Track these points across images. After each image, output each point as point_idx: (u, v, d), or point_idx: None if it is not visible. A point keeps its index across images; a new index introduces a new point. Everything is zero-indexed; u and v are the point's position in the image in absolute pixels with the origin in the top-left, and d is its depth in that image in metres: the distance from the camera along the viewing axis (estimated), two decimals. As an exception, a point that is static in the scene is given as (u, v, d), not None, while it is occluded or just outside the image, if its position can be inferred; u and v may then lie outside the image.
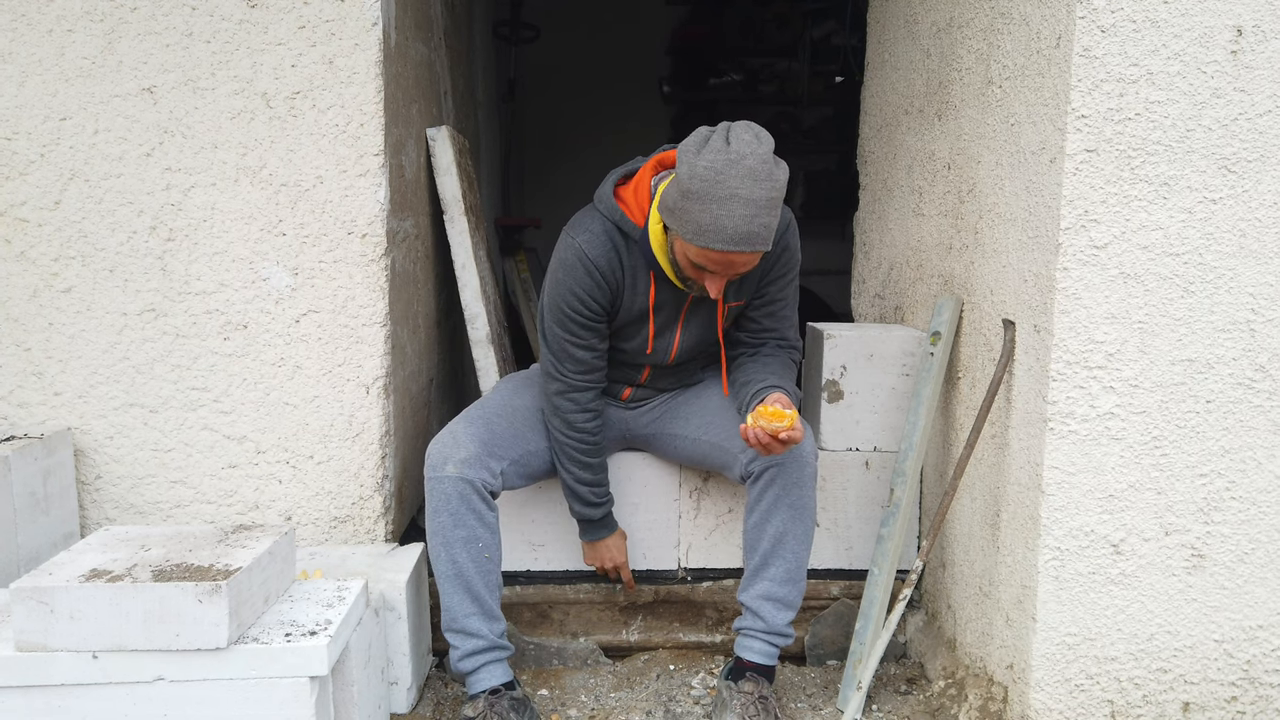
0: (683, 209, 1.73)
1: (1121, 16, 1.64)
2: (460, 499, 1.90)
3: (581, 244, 1.92)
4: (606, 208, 1.95)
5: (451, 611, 1.93)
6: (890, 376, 2.33)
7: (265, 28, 2.10)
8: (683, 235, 1.75)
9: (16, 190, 2.12)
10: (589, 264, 1.91)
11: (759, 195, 1.69)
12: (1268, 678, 1.84)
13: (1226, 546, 1.79)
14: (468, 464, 1.91)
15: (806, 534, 1.99)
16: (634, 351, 2.08)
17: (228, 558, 1.59)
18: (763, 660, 2.01)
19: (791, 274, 2.07)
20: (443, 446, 1.94)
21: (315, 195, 2.15)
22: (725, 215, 1.68)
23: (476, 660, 1.92)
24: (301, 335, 2.19)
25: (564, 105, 5.99)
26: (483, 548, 1.92)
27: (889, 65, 2.70)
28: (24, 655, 1.50)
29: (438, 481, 1.91)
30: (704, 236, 1.71)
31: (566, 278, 1.93)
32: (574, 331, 1.96)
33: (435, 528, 1.92)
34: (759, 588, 2.00)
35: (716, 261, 1.75)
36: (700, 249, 1.74)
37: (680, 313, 2.03)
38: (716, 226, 1.69)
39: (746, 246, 1.71)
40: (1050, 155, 1.73)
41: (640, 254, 1.94)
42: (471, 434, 1.96)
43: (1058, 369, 1.73)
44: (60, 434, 2.13)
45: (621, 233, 1.94)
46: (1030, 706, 1.82)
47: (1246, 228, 1.71)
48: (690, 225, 1.72)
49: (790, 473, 1.94)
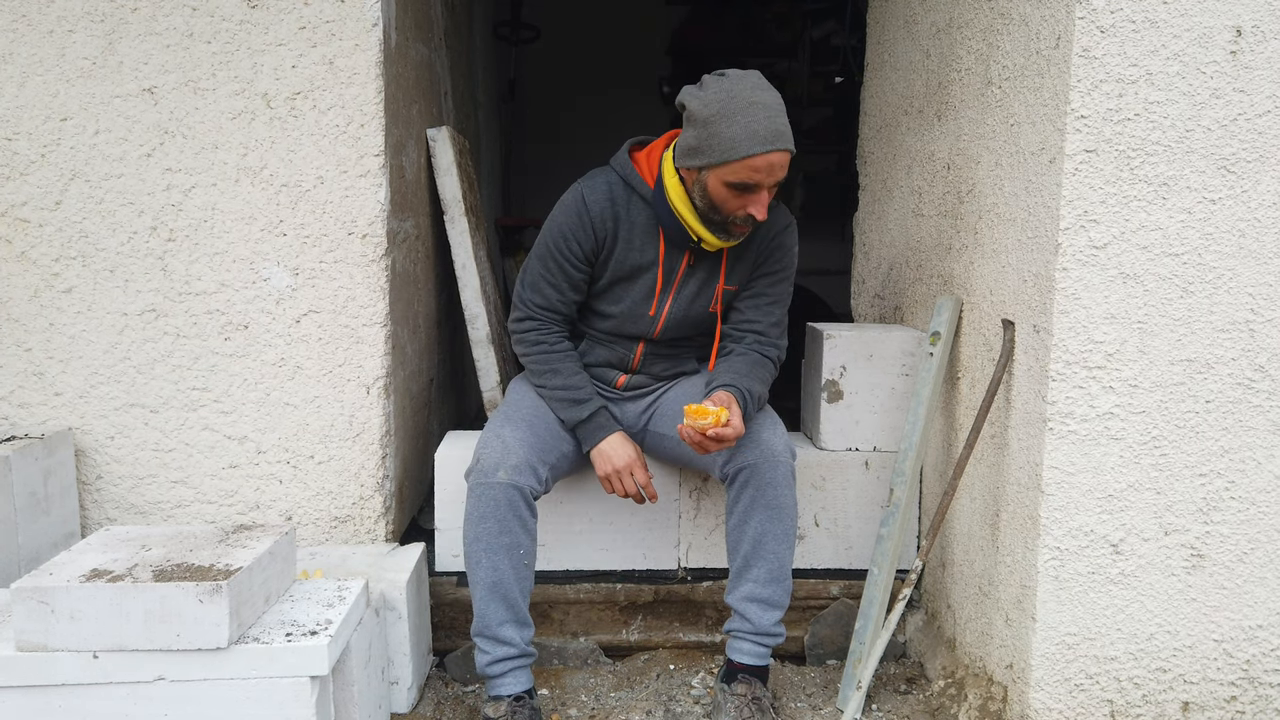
0: (707, 136, 1.81)
1: (1121, 17, 1.64)
2: (509, 506, 1.88)
3: (583, 190, 2.01)
4: (619, 163, 2.03)
5: (486, 618, 1.91)
6: (890, 376, 2.33)
7: (266, 28, 2.10)
8: (714, 161, 1.82)
9: (17, 190, 2.12)
10: (583, 208, 1.99)
11: (772, 100, 1.82)
12: (1267, 677, 1.84)
13: (1226, 546, 1.79)
14: (519, 470, 1.90)
15: (786, 533, 1.97)
16: (623, 317, 2.07)
17: (228, 558, 1.59)
18: (754, 661, 2.01)
19: (785, 273, 2.09)
20: (493, 452, 1.91)
21: (316, 196, 2.15)
22: (753, 119, 1.79)
23: (505, 666, 1.92)
24: (302, 335, 2.19)
25: (564, 105, 6.00)
26: (523, 555, 1.91)
27: (889, 66, 2.70)
28: (24, 655, 1.50)
29: (488, 488, 1.89)
30: (740, 147, 1.79)
31: (560, 215, 2.01)
32: (549, 268, 2.02)
33: (479, 533, 1.89)
34: (743, 590, 2.00)
35: (760, 168, 1.81)
36: (741, 161, 1.80)
37: (674, 282, 2.05)
38: (749, 132, 1.78)
39: (782, 144, 1.81)
40: (1050, 155, 1.73)
41: (644, 212, 2.00)
42: (520, 439, 1.94)
43: (1057, 369, 1.73)
44: (61, 434, 2.13)
45: (628, 187, 2.01)
46: (1030, 706, 1.82)
47: (1246, 228, 1.71)
48: (721, 145, 1.80)
49: (763, 473, 1.94)
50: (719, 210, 1.89)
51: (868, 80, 2.92)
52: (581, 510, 2.29)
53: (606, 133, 5.74)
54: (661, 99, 5.72)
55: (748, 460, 1.94)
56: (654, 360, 2.16)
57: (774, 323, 2.10)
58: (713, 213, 1.90)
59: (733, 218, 1.89)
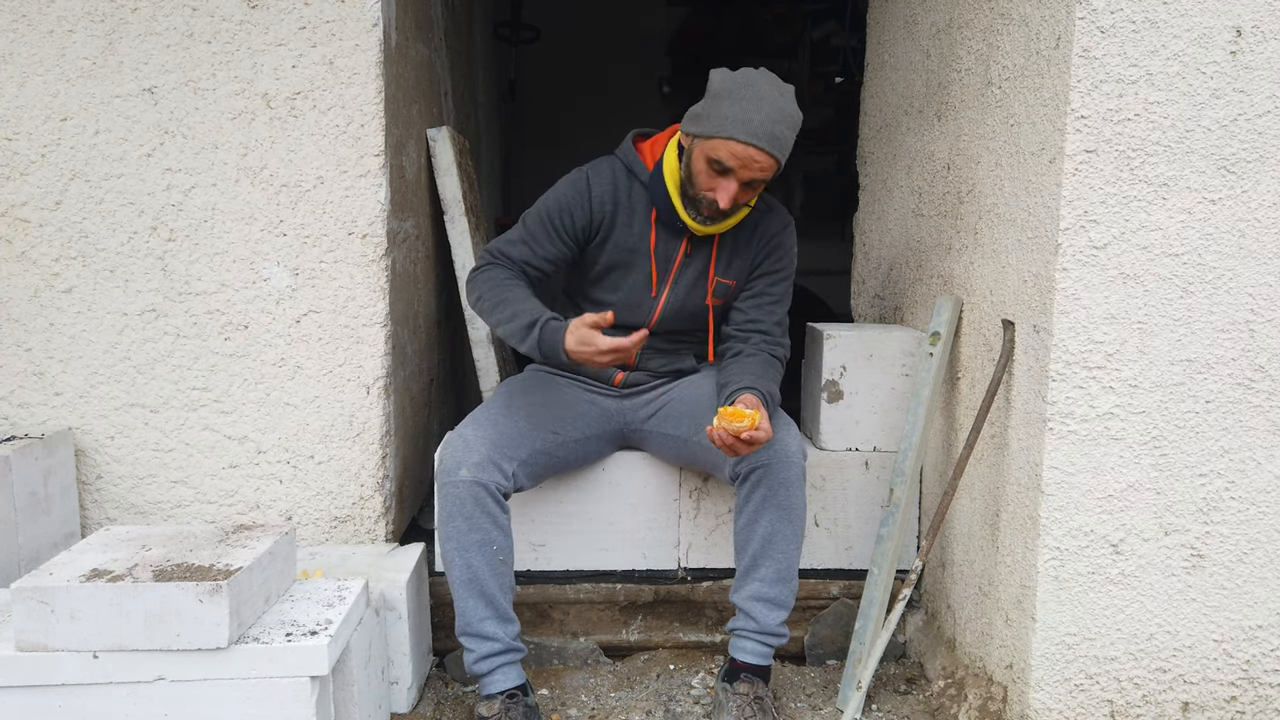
0: (711, 106, 1.88)
1: (1121, 17, 1.64)
2: (475, 503, 1.89)
3: (589, 171, 2.09)
4: (623, 151, 2.11)
5: (466, 616, 1.91)
6: (890, 377, 2.33)
7: (266, 28, 2.10)
8: (706, 132, 1.88)
9: (17, 190, 2.12)
10: (585, 185, 2.06)
11: (784, 106, 1.88)
12: (1267, 678, 1.84)
13: (1226, 546, 1.79)
14: (480, 467, 1.90)
15: (796, 534, 1.98)
16: (621, 306, 2.09)
17: (228, 558, 1.60)
18: (757, 661, 2.01)
19: (785, 272, 2.14)
20: (454, 451, 1.93)
21: (316, 196, 2.15)
22: (753, 109, 1.85)
23: (492, 663, 1.92)
24: (302, 335, 2.19)
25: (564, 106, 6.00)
26: (496, 550, 1.91)
27: (889, 66, 2.70)
28: (24, 655, 1.50)
29: (451, 486, 1.90)
30: (729, 126, 1.85)
31: (562, 188, 2.08)
32: (534, 232, 2.08)
33: (449, 533, 1.90)
34: (750, 589, 2.00)
35: (737, 156, 1.86)
36: (724, 140, 1.86)
37: (671, 270, 2.09)
38: (744, 117, 1.84)
39: (767, 144, 1.85)
40: (1050, 156, 1.73)
41: (643, 197, 2.06)
42: (481, 436, 1.95)
43: (1057, 369, 1.73)
44: (61, 434, 2.14)
45: (630, 174, 2.08)
46: (1030, 706, 1.82)
47: (1246, 228, 1.71)
48: (716, 118, 1.86)
49: (776, 473, 1.94)
50: (693, 184, 1.95)
51: (868, 80, 2.92)
52: (581, 510, 2.29)
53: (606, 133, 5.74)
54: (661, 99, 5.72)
55: (761, 460, 1.94)
56: (651, 355, 2.17)
57: (777, 322, 2.14)
58: (689, 185, 1.97)
59: (701, 196, 1.95)
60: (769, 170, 1.89)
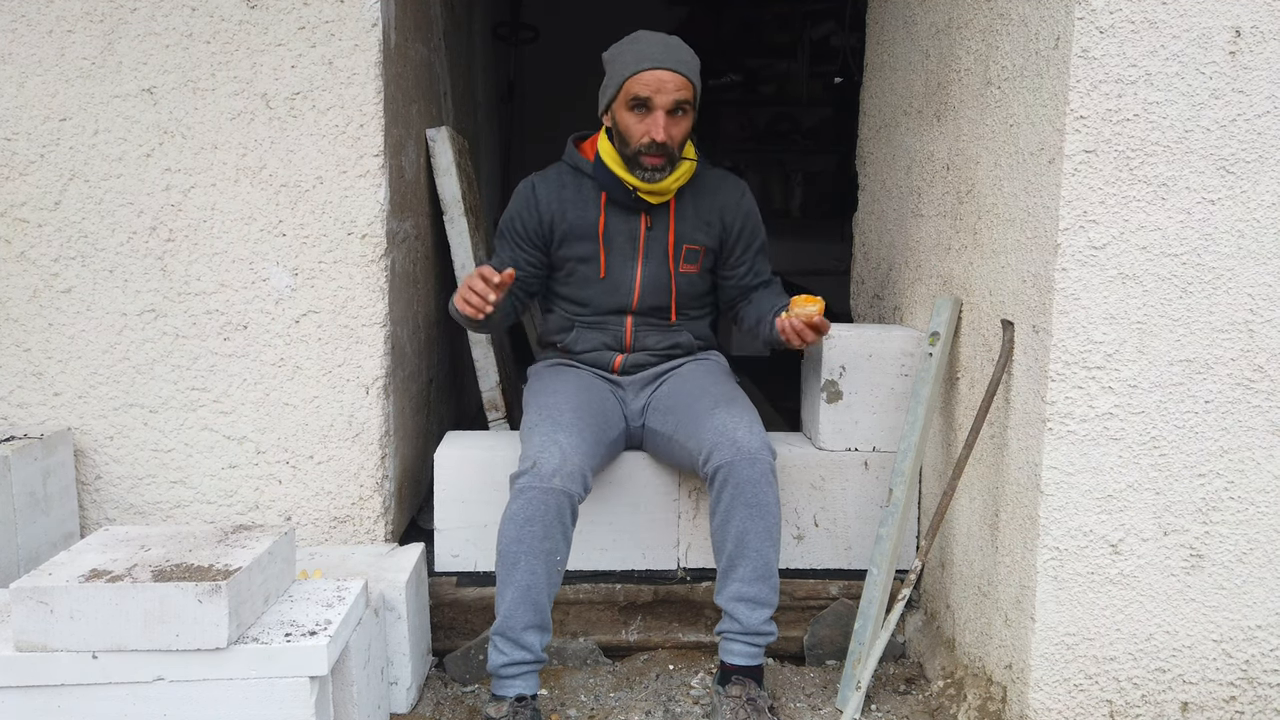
0: (610, 70, 2.06)
1: (1120, 18, 1.64)
2: (557, 513, 1.89)
3: (534, 177, 2.23)
4: (566, 154, 2.24)
5: (511, 620, 1.89)
6: (889, 377, 2.33)
7: (265, 28, 2.10)
8: (614, 90, 2.04)
9: (16, 190, 2.12)
10: (530, 191, 2.20)
11: (669, 38, 2.06)
12: (1266, 678, 1.84)
13: (1225, 547, 1.79)
14: (573, 478, 1.90)
15: (769, 530, 1.97)
16: (602, 288, 2.19)
17: (228, 558, 1.60)
18: (746, 661, 2.00)
19: (758, 231, 2.30)
20: (551, 457, 1.91)
21: (315, 196, 2.15)
22: (645, 46, 2.03)
23: (519, 669, 1.92)
24: (301, 336, 2.19)
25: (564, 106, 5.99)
26: (559, 561, 1.92)
27: (888, 66, 2.70)
28: (24, 655, 1.50)
29: (541, 492, 1.88)
30: (628, 67, 2.01)
31: (511, 202, 2.22)
32: (499, 245, 2.23)
33: (523, 535, 1.88)
34: (730, 590, 1.99)
35: (649, 83, 2.00)
36: (633, 76, 2.01)
37: (638, 246, 2.19)
38: (639, 54, 2.02)
39: (671, 64, 2.00)
40: (1049, 156, 1.73)
41: (593, 188, 2.18)
42: (574, 445, 1.94)
43: (1056, 369, 1.74)
44: (60, 434, 2.13)
45: (576, 172, 2.20)
46: (1029, 706, 1.83)
47: (1245, 228, 1.71)
48: (618, 71, 2.04)
49: (740, 471, 1.94)
50: (628, 144, 2.05)
51: (867, 80, 2.92)
52: (580, 510, 2.28)
53: (606, 133, 5.76)
54: (661, 99, 5.71)
55: (724, 459, 1.95)
56: (645, 332, 2.24)
57: (771, 272, 2.35)
58: (624, 148, 2.07)
59: (639, 148, 2.04)
60: (685, 90, 2.02)
